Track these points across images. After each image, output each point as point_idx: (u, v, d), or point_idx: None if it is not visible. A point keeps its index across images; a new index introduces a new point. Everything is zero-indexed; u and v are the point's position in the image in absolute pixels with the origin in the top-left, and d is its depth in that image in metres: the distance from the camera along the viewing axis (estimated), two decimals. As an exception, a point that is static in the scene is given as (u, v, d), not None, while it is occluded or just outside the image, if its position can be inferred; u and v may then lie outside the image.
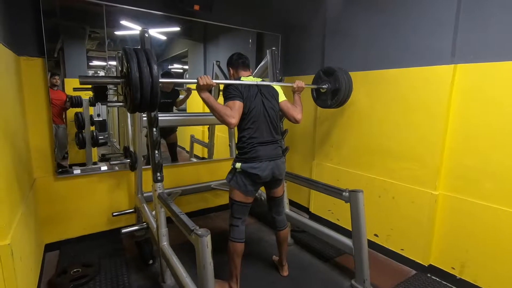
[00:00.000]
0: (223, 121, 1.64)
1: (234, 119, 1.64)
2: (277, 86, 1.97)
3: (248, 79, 1.84)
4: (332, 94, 2.28)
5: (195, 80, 1.58)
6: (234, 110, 1.66)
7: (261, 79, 1.91)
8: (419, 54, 2.11)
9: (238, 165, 1.78)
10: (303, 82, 2.01)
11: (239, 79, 1.86)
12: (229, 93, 1.72)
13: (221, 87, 3.08)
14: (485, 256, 1.89)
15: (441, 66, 1.99)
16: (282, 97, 1.95)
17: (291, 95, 2.02)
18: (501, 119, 1.79)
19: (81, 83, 1.38)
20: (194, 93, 3.60)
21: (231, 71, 1.96)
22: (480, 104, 1.87)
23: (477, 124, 1.89)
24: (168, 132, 3.19)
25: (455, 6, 1.91)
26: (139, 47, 1.89)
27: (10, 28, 1.90)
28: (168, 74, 3.24)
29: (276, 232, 2.08)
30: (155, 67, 1.32)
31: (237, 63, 1.93)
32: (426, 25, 2.07)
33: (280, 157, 1.88)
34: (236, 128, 1.82)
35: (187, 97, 3.27)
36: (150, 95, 1.33)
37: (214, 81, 1.60)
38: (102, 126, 2.87)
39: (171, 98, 3.15)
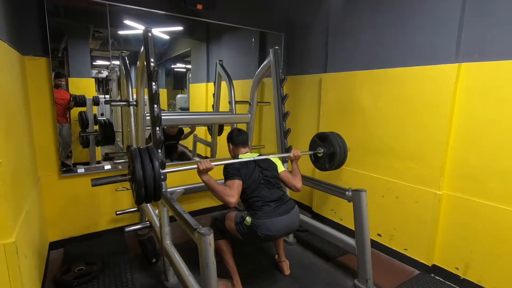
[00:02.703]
0: (222, 200, 1.73)
1: (233, 198, 1.71)
2: (274, 159, 2.05)
3: (245, 156, 1.96)
4: (329, 158, 2.32)
5: (195, 166, 1.71)
6: (233, 189, 1.74)
7: (258, 154, 1.99)
8: (423, 53, 2.10)
9: (248, 219, 1.75)
10: (299, 150, 2.13)
11: (237, 156, 1.98)
12: (228, 172, 1.83)
13: (223, 88, 3.09)
14: (489, 257, 1.88)
15: (445, 65, 1.98)
16: (281, 168, 2.03)
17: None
18: (506, 119, 1.77)
19: (93, 186, 1.63)
20: (195, 93, 3.61)
21: (231, 147, 2.08)
22: (485, 103, 1.86)
23: (482, 124, 1.88)
24: (170, 152, 3.22)
25: (460, 5, 1.90)
26: (142, 48, 1.90)
27: (14, 28, 1.91)
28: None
29: None
30: (156, 163, 1.48)
31: (237, 141, 2.04)
32: (430, 24, 2.05)
33: (293, 207, 1.85)
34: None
35: (191, 132, 3.39)
36: (153, 188, 1.47)
37: (213, 163, 1.72)
38: (105, 125, 2.88)
39: (175, 140, 3.25)
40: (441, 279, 2.12)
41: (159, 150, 1.86)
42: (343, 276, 2.15)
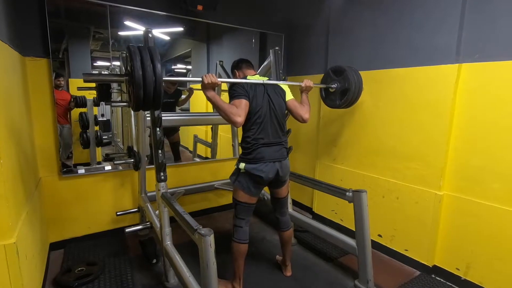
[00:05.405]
0: (229, 120, 1.63)
1: (240, 118, 1.62)
2: (284, 85, 1.95)
3: (254, 78, 1.83)
4: (341, 94, 2.22)
5: (200, 79, 1.57)
6: (240, 109, 1.64)
7: (267, 78, 1.88)
8: (424, 53, 2.10)
9: (242, 165, 1.78)
10: (311, 81, 2.00)
11: (245, 78, 1.85)
12: (235, 91, 1.71)
13: (224, 85, 3.09)
14: (490, 257, 1.88)
15: (445, 66, 1.98)
16: (289, 96, 1.92)
17: (299, 95, 2.00)
18: (508, 119, 1.77)
19: (85, 81, 1.40)
20: (197, 93, 3.61)
21: (237, 73, 1.96)
22: (486, 104, 1.85)
23: (483, 124, 1.87)
24: (171, 131, 3.20)
25: (461, 4, 1.89)
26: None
27: (15, 29, 1.92)
28: (170, 75, 3.25)
29: (280, 232, 2.08)
30: (158, 65, 1.32)
31: (241, 64, 1.95)
32: (431, 24, 2.05)
33: (285, 158, 1.87)
34: (240, 128, 1.81)
35: (189, 96, 3.27)
36: (153, 93, 1.34)
37: (219, 79, 1.58)
38: (106, 126, 2.89)
39: (173, 98, 3.16)
40: (442, 280, 2.11)
41: (159, 151, 1.87)
42: (343, 277, 2.14)
